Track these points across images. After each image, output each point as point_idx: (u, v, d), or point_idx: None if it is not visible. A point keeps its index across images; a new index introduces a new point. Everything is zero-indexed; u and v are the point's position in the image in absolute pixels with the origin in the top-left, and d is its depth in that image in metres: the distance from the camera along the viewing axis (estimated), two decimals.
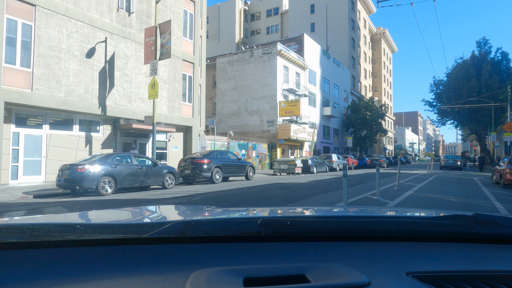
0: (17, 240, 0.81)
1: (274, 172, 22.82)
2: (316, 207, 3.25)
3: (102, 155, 11.32)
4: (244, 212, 1.54)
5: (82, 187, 10.30)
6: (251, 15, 62.43)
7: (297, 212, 1.62)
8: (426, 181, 14.80)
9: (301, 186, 12.21)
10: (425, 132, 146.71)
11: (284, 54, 32.04)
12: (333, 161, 28.20)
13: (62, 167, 10.64)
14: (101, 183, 10.49)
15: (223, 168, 15.44)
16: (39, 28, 13.63)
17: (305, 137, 33.19)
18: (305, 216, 1.43)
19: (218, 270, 0.74)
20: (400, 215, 1.43)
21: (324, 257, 0.89)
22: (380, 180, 15.11)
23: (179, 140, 20.78)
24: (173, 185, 12.95)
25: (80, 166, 10.23)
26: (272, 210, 1.71)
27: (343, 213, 1.52)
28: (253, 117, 32.88)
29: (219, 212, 1.42)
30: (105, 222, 1.10)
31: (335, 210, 1.80)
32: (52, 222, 1.00)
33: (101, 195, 10.46)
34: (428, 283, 0.76)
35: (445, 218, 1.12)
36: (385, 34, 72.62)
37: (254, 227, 0.94)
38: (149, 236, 0.86)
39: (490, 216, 1.06)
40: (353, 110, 46.14)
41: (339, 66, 46.57)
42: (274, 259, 0.86)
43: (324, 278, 0.73)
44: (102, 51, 16.01)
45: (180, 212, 1.49)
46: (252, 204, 7.85)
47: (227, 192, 10.80)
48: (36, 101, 13.42)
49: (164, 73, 18.93)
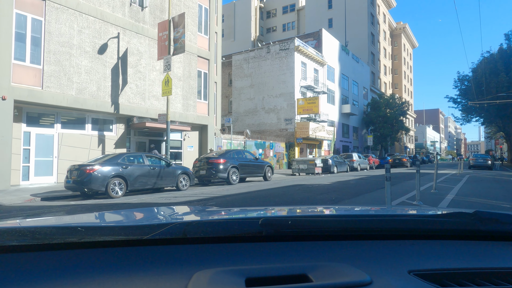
0: (18, 243, 0.80)
1: (293, 172, 21.87)
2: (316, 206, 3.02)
3: (112, 155, 10.65)
4: (245, 212, 1.50)
5: (90, 189, 9.64)
6: (267, 12, 61.43)
7: (298, 211, 1.61)
8: (462, 182, 13.55)
9: (326, 189, 11.23)
10: (446, 130, 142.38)
11: (302, 50, 30.95)
12: (354, 160, 27.01)
13: (70, 167, 10.02)
14: (111, 185, 9.81)
15: (240, 168, 14.61)
16: (50, 23, 13.12)
17: (324, 136, 32.01)
18: (306, 216, 1.39)
19: (219, 271, 0.74)
20: (402, 213, 1.41)
21: (325, 256, 0.88)
22: (409, 182, 14.01)
23: (194, 139, 20.09)
24: (187, 186, 12.20)
25: (89, 167, 9.56)
26: (273, 210, 1.70)
27: (343, 212, 1.49)
28: (270, 115, 31.94)
29: (220, 213, 1.43)
30: (106, 224, 1.10)
31: (336, 210, 1.73)
32: (53, 224, 1.01)
33: (111, 198, 9.79)
34: (430, 281, 0.75)
35: (446, 216, 1.13)
36: (406, 29, 70.24)
37: (255, 227, 0.93)
38: (151, 238, 0.86)
39: (491, 213, 1.05)
40: (373, 108, 44.53)
41: (358, 62, 45.05)
42: (276, 259, 0.85)
43: (326, 277, 0.72)
44: (115, 47, 15.43)
45: (181, 213, 1.46)
46: None
47: (246, 196, 9.94)
48: (47, 99, 12.92)
49: (178, 69, 18.25)
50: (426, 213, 1.43)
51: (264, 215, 1.29)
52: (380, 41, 57.03)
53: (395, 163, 32.88)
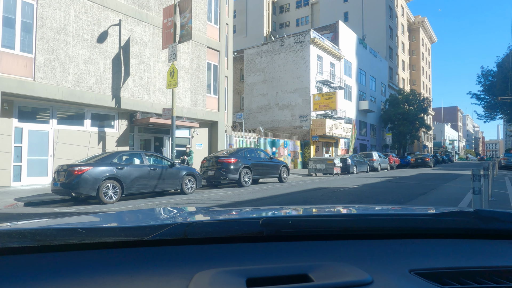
0: (18, 245, 0.79)
1: (309, 172, 20.23)
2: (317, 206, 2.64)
3: (106, 154, 9.25)
4: (245, 213, 1.45)
5: (79, 193, 8.26)
6: (280, 7, 59.65)
7: (298, 211, 1.58)
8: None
9: (355, 194, 9.59)
10: (464, 128, 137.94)
11: (318, 42, 29.19)
12: (374, 160, 25.20)
13: (58, 168, 8.65)
14: (103, 188, 8.41)
15: (253, 168, 13.09)
16: (42, 7, 11.83)
17: (341, 134, 30.21)
18: (306, 215, 1.38)
19: (220, 271, 0.73)
20: (402, 212, 1.37)
21: (326, 256, 0.88)
22: (447, 185, 12.27)
23: (203, 137, 18.66)
24: (193, 189, 10.75)
25: (77, 168, 8.18)
26: (274, 210, 1.67)
27: (344, 212, 1.49)
28: (284, 112, 30.30)
29: (221, 213, 1.43)
30: (106, 225, 1.09)
31: (336, 209, 1.62)
32: (54, 226, 0.99)
33: (103, 203, 8.41)
34: (431, 280, 0.75)
35: (447, 215, 1.09)
36: (424, 23, 67.43)
37: (255, 227, 0.92)
38: (151, 239, 0.84)
39: (492, 212, 1.05)
40: (392, 104, 42.36)
41: (376, 56, 42.93)
42: (277, 259, 0.84)
43: (327, 277, 0.72)
44: (116, 36, 14.08)
45: (181, 214, 1.36)
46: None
47: (261, 203, 8.41)
48: (39, 92, 11.64)
49: (186, 61, 16.83)
50: (426, 212, 1.37)
51: (264, 215, 1.24)
52: (398, 35, 54.63)
53: (417, 162, 30.87)
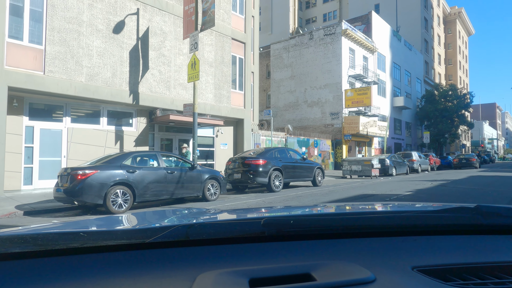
0: (20, 250, 0.79)
1: (344, 174, 18.42)
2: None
3: (116, 155, 7.98)
4: (247, 213, 1.45)
5: (82, 201, 7.02)
6: (306, 2, 57.69)
7: (300, 211, 1.56)
8: None
9: (412, 202, 7.83)
10: (503, 126, 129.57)
11: (350, 34, 27.17)
12: (413, 160, 22.97)
13: (61, 172, 7.46)
14: (111, 196, 7.14)
15: (284, 171, 11.54)
16: None
17: (376, 132, 28.02)
18: (308, 215, 1.35)
19: (223, 272, 0.73)
20: (403, 209, 1.34)
21: (328, 255, 0.87)
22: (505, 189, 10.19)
23: (228, 136, 17.30)
24: (217, 195, 9.33)
25: (80, 172, 6.94)
26: (275, 210, 1.64)
27: (345, 210, 1.47)
28: (314, 109, 28.48)
29: (222, 214, 1.42)
30: (108, 229, 1.07)
31: (337, 208, 1.61)
32: (56, 230, 0.98)
33: (111, 213, 7.14)
34: (434, 277, 0.75)
35: (449, 211, 1.10)
36: (461, 14, 63.18)
37: (257, 227, 0.92)
38: (153, 241, 0.84)
39: (493, 207, 1.04)
40: (429, 101, 39.45)
41: (411, 50, 40.15)
42: (279, 259, 0.84)
43: (330, 276, 0.72)
44: (134, 26, 12.94)
45: (183, 215, 1.40)
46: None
47: None
48: (50, 87, 10.63)
49: (210, 54, 15.52)
50: (428, 208, 1.34)
51: (266, 215, 1.25)
52: (433, 27, 51.23)
53: (460, 163, 28.17)
